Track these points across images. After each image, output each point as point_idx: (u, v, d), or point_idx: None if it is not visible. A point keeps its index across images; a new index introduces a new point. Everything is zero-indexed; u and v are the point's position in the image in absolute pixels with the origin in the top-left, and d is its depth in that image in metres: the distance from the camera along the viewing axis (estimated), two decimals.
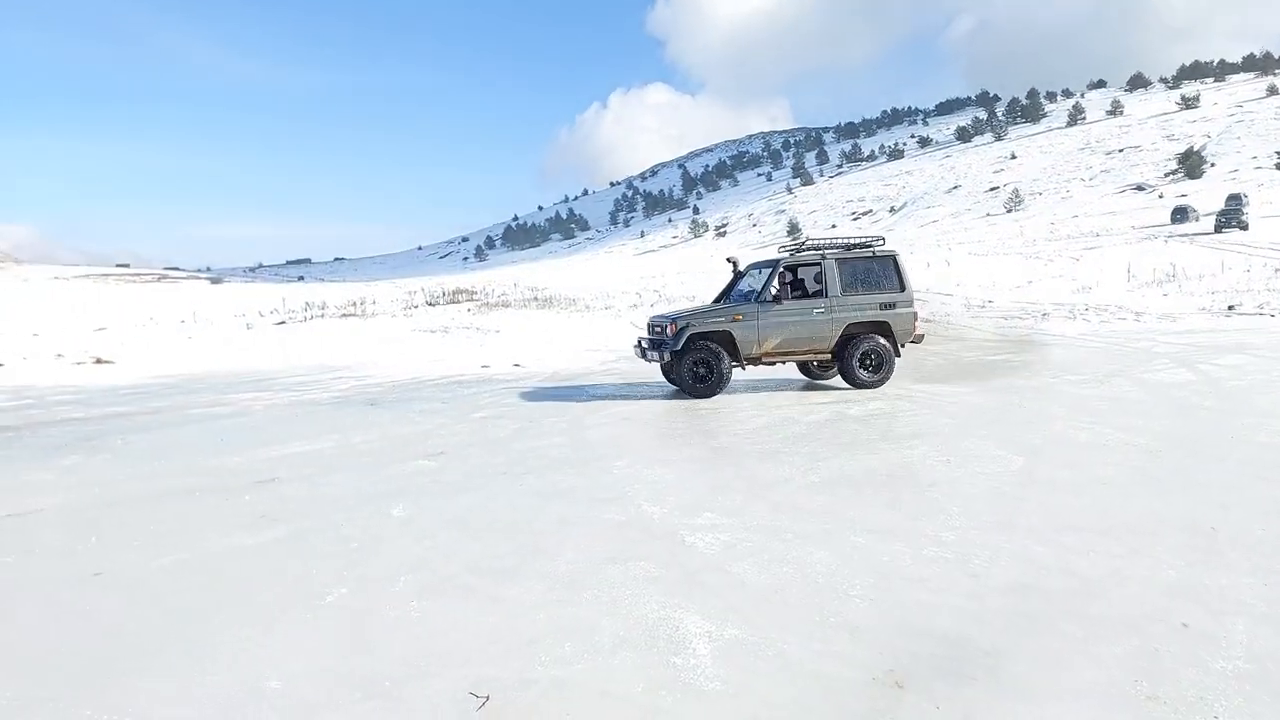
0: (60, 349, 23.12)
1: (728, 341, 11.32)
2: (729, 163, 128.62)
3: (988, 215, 52.46)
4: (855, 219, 52.12)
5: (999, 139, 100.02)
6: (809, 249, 11.84)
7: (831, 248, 11.60)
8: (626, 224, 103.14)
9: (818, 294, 11.39)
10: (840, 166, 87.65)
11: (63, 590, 4.36)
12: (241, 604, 4.07)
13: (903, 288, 11.37)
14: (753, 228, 61.67)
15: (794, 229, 50.18)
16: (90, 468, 7.65)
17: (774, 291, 11.50)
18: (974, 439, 7.30)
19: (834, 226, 50.25)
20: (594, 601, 3.99)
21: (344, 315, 31.94)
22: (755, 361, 11.46)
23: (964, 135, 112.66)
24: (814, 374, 12.70)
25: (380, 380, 15.10)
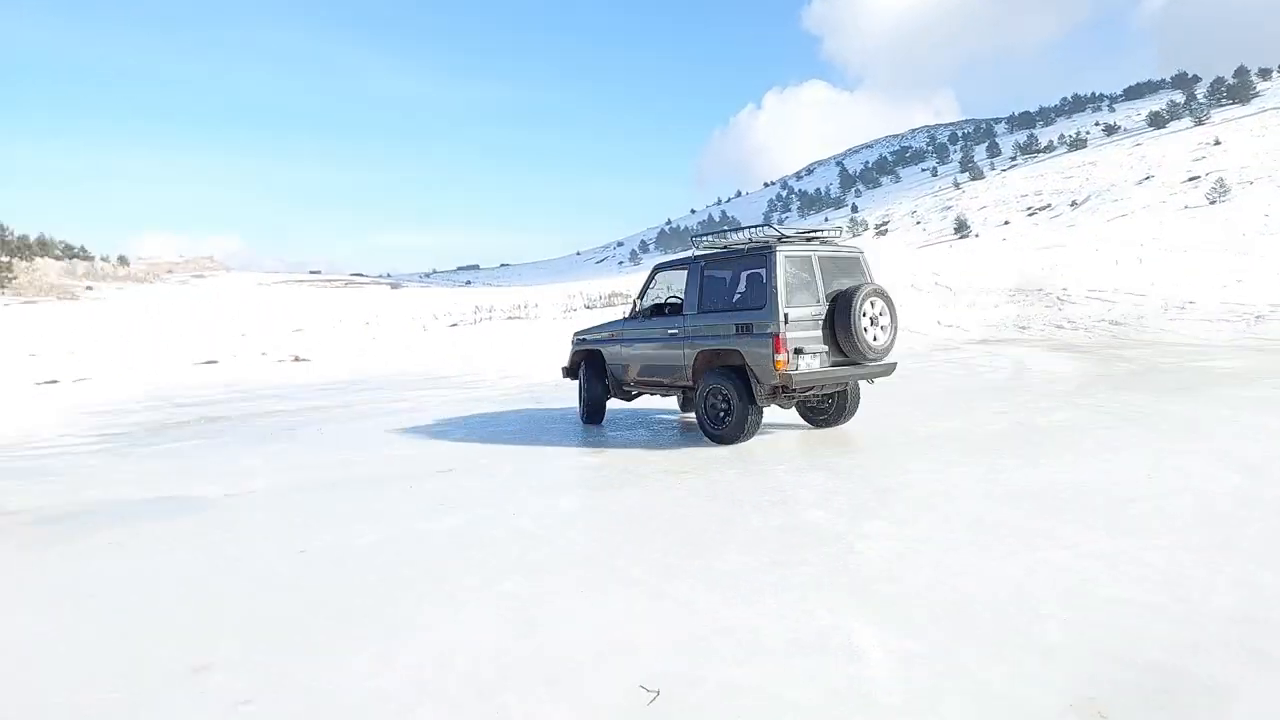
0: (264, 348, 25.60)
1: (599, 363, 9.68)
2: (890, 159, 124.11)
3: (1186, 208, 47.67)
4: (1031, 214, 48.84)
5: (1199, 123, 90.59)
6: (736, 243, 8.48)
7: (739, 243, 8.36)
8: (781, 224, 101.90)
9: (740, 307, 7.99)
10: (1014, 159, 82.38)
11: (275, 564, 4.81)
12: (428, 585, 4.33)
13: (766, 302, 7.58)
14: (916, 225, 59.14)
15: (961, 226, 47.71)
16: (292, 454, 8.42)
17: (640, 304, 9.25)
18: (1179, 453, 6.62)
19: (1006, 223, 47.28)
20: (759, 603, 3.94)
21: (510, 318, 33.47)
22: (627, 391, 9.52)
23: (1157, 121, 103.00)
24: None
25: (544, 379, 15.68)
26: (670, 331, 8.61)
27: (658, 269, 9.47)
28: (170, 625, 3.88)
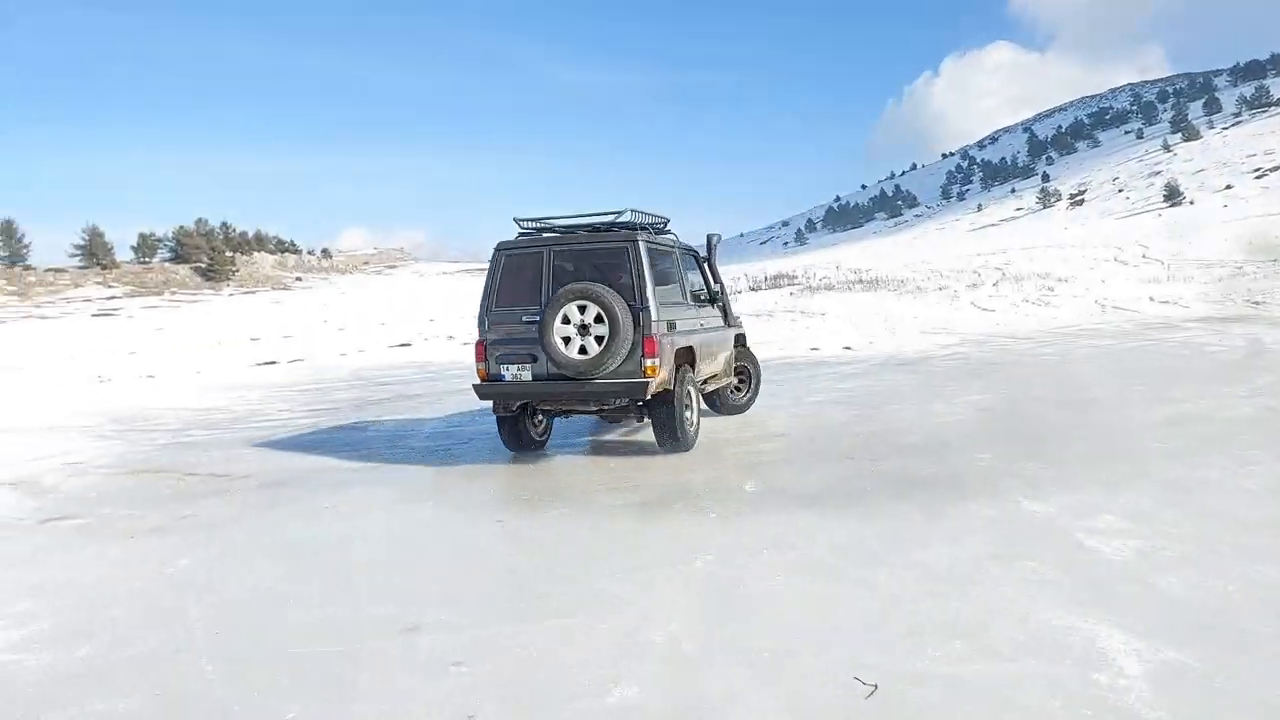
0: (451, 331, 27.14)
1: None
2: (1087, 122, 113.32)
3: None
4: (1260, 176, 43.04)
5: None
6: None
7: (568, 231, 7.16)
8: (961, 197, 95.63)
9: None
10: (1238, 115, 72.78)
11: (469, 534, 4.97)
12: (622, 559, 4.31)
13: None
14: (1118, 193, 53.61)
15: (1173, 193, 42.82)
16: (482, 433, 8.77)
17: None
18: None
19: (1229, 187, 41.95)
20: (978, 599, 3.60)
21: None
22: None
23: None
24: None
25: None
26: None
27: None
28: (383, 586, 4.07)
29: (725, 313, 8.46)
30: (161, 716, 2.82)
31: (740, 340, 8.97)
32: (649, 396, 6.54)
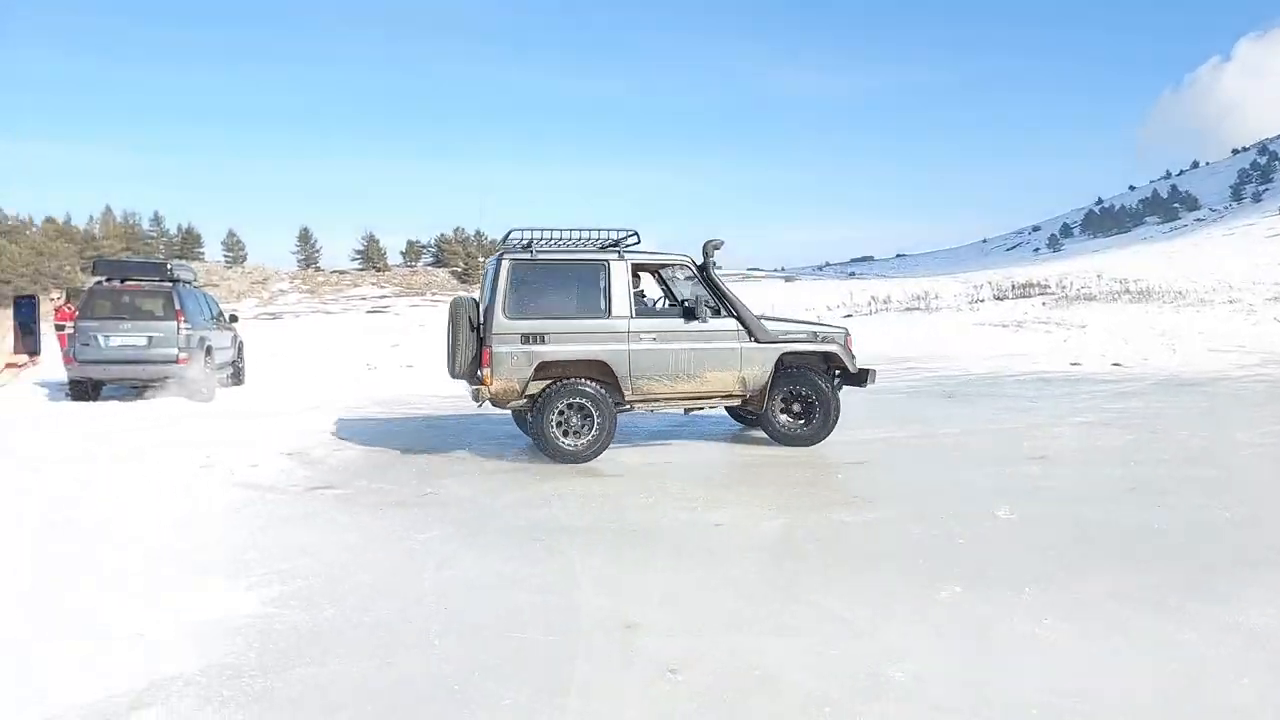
0: None
1: None
2: None
3: None
4: None
5: None
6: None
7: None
8: (1256, 199, 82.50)
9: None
10: None
11: (689, 534, 4.80)
12: (855, 580, 3.93)
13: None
14: None
15: None
16: (701, 434, 8.63)
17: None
18: None
19: None
20: None
21: (908, 309, 31.82)
22: None
23: None
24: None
25: (954, 373, 14.42)
26: None
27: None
28: (604, 578, 3.99)
29: (745, 325, 7.37)
30: (389, 684, 2.88)
31: (790, 362, 7.52)
32: (481, 405, 7.08)
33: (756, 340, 7.38)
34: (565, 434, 6.92)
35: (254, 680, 2.86)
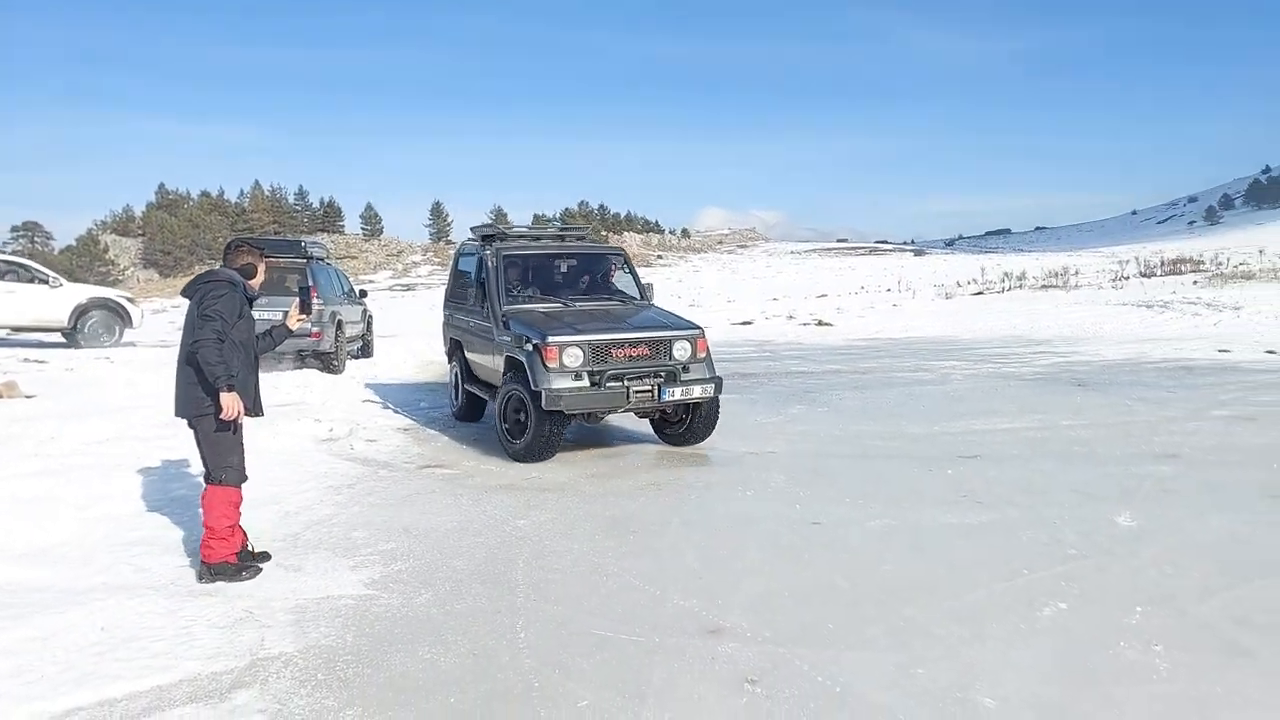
0: (791, 311, 27.09)
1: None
2: None
3: None
4: None
5: None
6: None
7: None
8: None
9: None
10: None
11: (785, 533, 4.74)
12: (950, 592, 3.78)
13: None
14: None
15: None
16: (810, 419, 8.47)
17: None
18: None
19: None
20: None
21: (1044, 286, 30.01)
22: None
23: None
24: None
25: (1088, 358, 13.51)
26: None
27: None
28: (692, 578, 4.01)
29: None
30: (472, 676, 3.00)
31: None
32: None
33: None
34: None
35: (348, 665, 3.05)
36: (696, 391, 6.55)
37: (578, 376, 6.21)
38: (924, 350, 15.36)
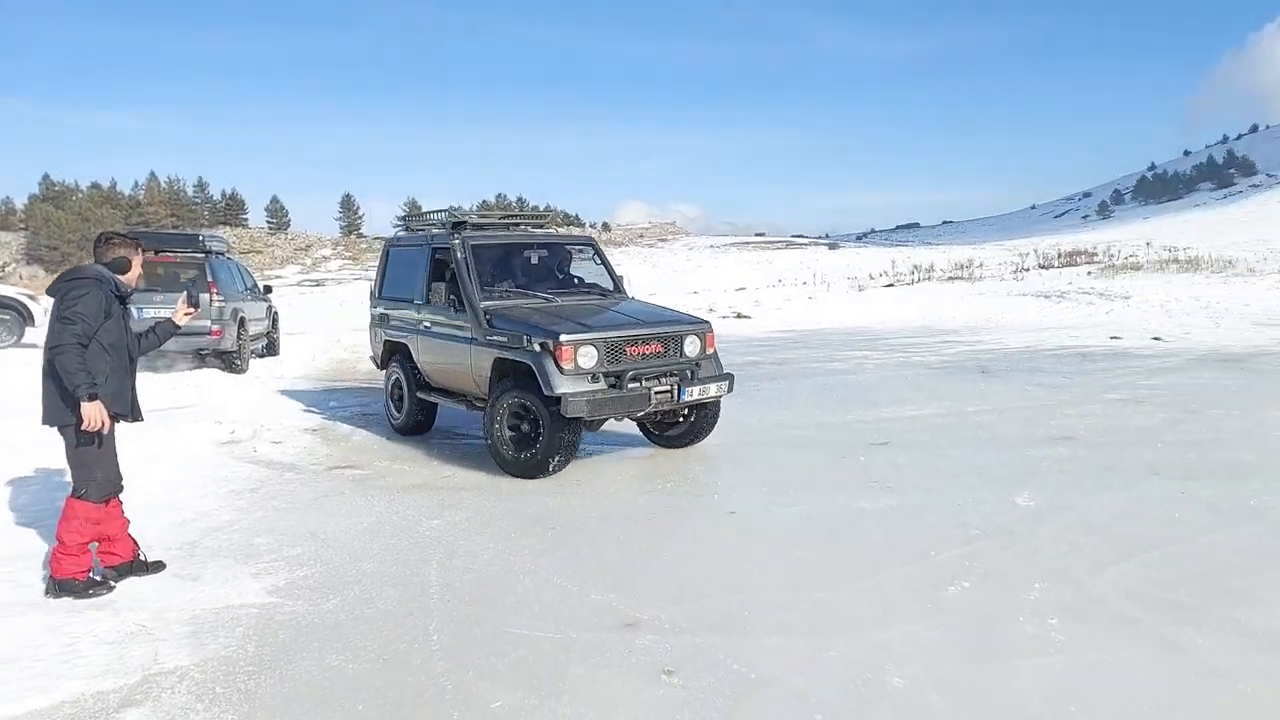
0: (711, 304, 27.37)
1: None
2: None
3: None
4: None
5: None
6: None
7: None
8: None
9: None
10: None
11: (702, 524, 4.77)
12: (861, 575, 3.87)
13: None
14: None
15: None
16: (727, 410, 8.55)
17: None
18: None
19: None
20: None
21: (950, 278, 31.17)
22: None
23: None
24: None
25: (991, 346, 14.10)
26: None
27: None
28: (608, 572, 3.99)
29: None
30: (382, 681, 2.91)
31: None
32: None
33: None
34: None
35: (249, 677, 2.91)
36: (713, 390, 6.12)
37: (594, 378, 5.63)
38: (838, 341, 15.75)
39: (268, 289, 14.12)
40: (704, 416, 6.55)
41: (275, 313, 14.18)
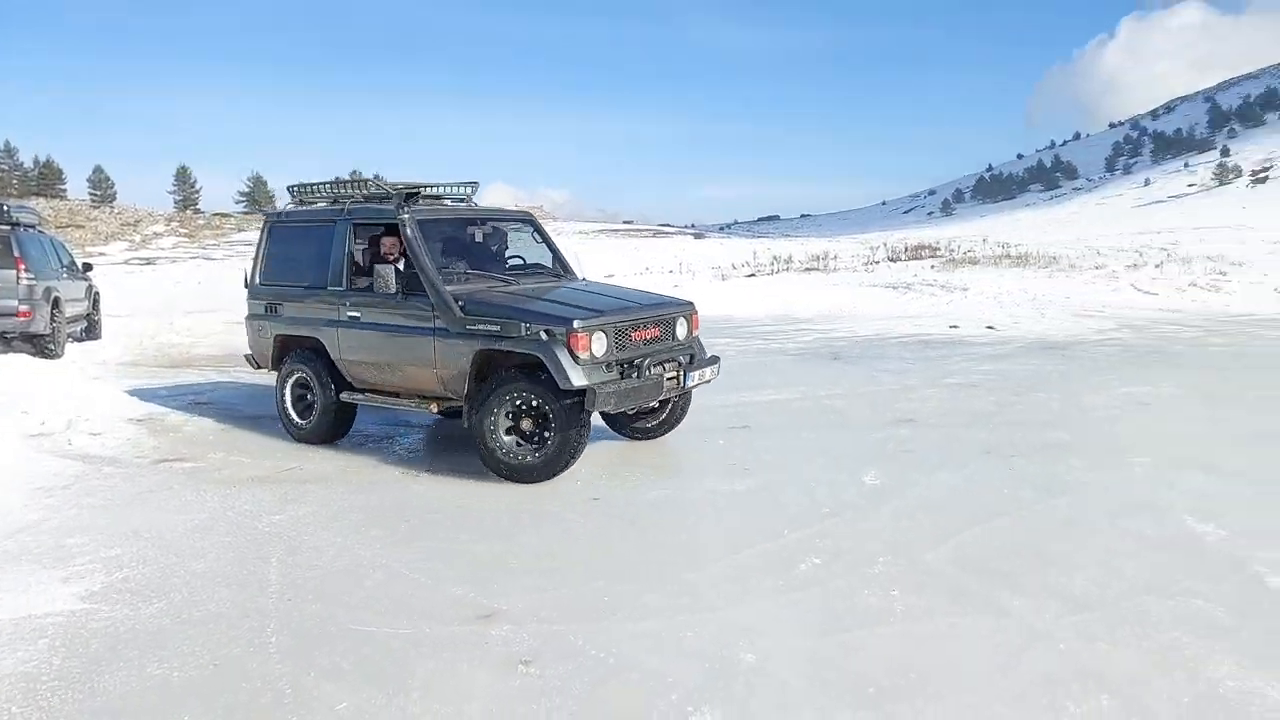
0: None
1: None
2: None
3: None
4: None
5: None
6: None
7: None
8: (1127, 170, 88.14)
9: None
10: None
11: (564, 510, 4.72)
12: (719, 555, 3.94)
13: None
14: None
15: None
16: None
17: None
18: None
19: None
20: (1137, 643, 3.02)
21: (807, 269, 32.48)
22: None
23: None
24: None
25: (843, 334, 14.78)
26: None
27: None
28: (465, 563, 3.87)
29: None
30: (213, 689, 2.69)
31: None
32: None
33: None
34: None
35: (52, 692, 2.62)
36: (709, 374, 5.84)
37: (608, 367, 5.20)
38: (702, 329, 16.02)
39: (88, 266, 12.88)
40: (679, 403, 6.26)
41: (96, 293, 12.96)
